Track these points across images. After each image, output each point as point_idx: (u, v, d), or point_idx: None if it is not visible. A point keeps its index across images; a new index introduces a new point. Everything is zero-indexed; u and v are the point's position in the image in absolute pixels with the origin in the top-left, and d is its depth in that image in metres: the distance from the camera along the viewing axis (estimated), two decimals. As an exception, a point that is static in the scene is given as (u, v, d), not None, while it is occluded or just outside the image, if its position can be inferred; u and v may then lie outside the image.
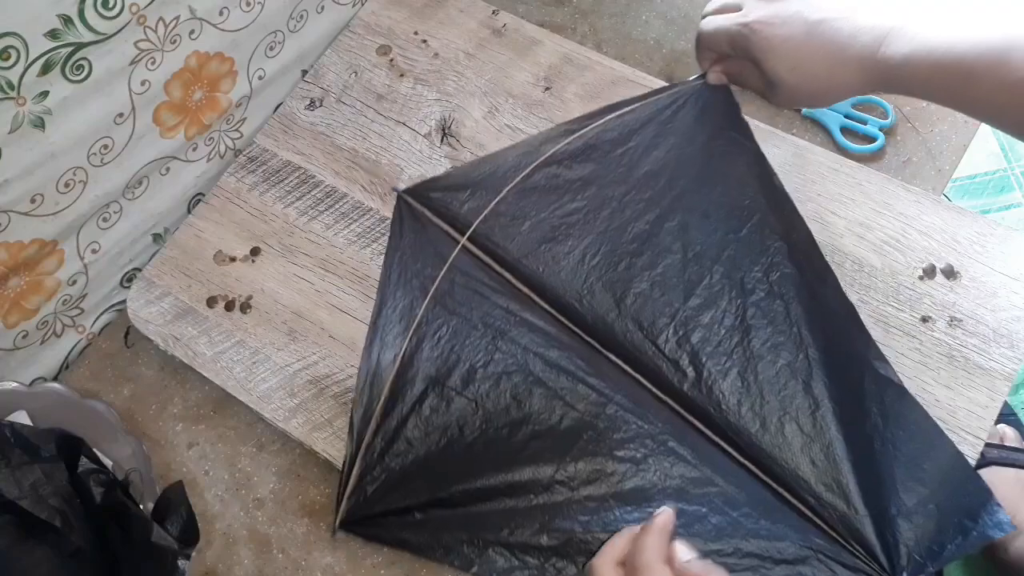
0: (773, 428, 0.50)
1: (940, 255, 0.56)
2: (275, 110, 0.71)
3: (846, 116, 0.63)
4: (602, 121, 0.58)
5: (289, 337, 0.61)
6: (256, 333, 0.61)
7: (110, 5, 0.53)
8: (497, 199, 0.58)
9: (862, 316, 0.53)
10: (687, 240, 0.55)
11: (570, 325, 0.55)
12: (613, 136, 0.58)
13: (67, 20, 0.51)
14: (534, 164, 0.58)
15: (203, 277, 0.64)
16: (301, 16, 0.69)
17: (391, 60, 0.71)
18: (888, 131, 0.63)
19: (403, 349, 0.55)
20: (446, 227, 0.58)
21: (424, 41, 0.71)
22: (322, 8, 0.70)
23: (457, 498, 0.52)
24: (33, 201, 0.55)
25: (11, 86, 0.49)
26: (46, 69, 0.51)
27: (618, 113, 0.58)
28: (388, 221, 0.64)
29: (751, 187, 0.55)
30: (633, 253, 0.55)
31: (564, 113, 0.65)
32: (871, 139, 0.62)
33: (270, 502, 0.58)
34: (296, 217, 0.65)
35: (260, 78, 0.68)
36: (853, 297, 0.54)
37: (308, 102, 0.70)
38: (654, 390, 0.52)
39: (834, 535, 0.48)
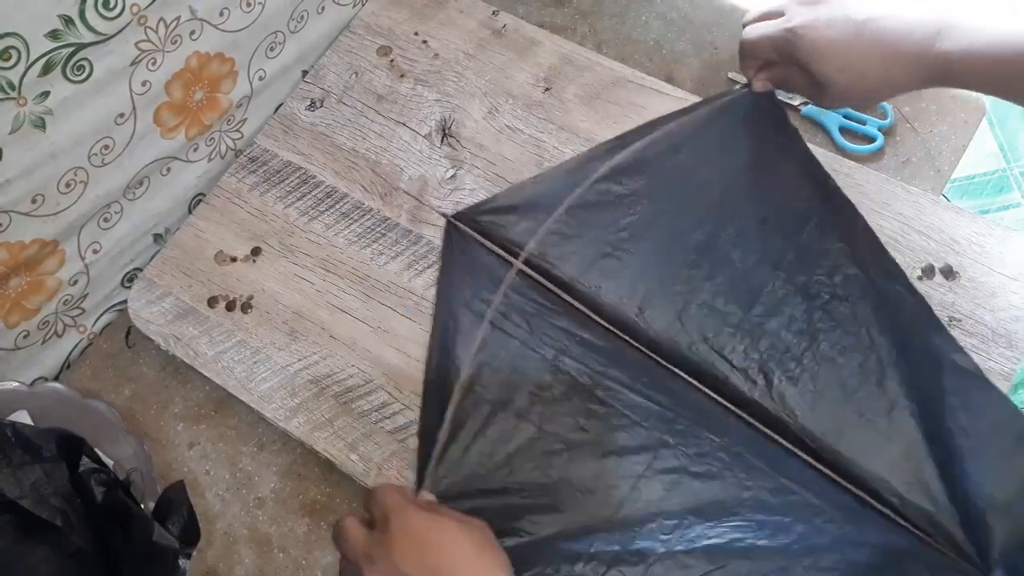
0: (849, 431, 0.49)
1: (939, 255, 0.56)
2: (276, 110, 0.71)
3: (845, 116, 0.63)
4: (649, 136, 0.57)
5: (290, 337, 0.61)
6: (257, 333, 0.61)
7: (111, 6, 0.53)
8: (550, 219, 0.57)
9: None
10: (746, 248, 0.54)
11: (631, 341, 0.53)
12: (661, 149, 0.57)
13: (68, 20, 0.51)
14: (585, 183, 0.57)
15: (204, 277, 0.64)
16: (301, 17, 0.69)
17: (391, 61, 0.71)
18: (887, 131, 0.63)
19: (464, 376, 0.54)
20: (499, 250, 0.57)
21: (424, 42, 0.71)
22: (322, 9, 0.70)
23: (529, 526, 0.50)
24: (34, 201, 0.55)
25: (12, 86, 0.50)
26: (47, 69, 0.51)
27: (665, 127, 0.57)
28: (388, 221, 0.64)
29: (806, 190, 0.55)
30: (691, 264, 0.54)
31: (564, 113, 0.65)
32: (870, 139, 0.63)
33: (271, 501, 0.58)
34: (296, 217, 0.65)
35: (261, 79, 0.68)
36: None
37: (308, 103, 0.70)
38: (724, 402, 0.51)
39: (921, 535, 0.47)
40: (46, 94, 0.52)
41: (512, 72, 0.68)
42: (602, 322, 0.54)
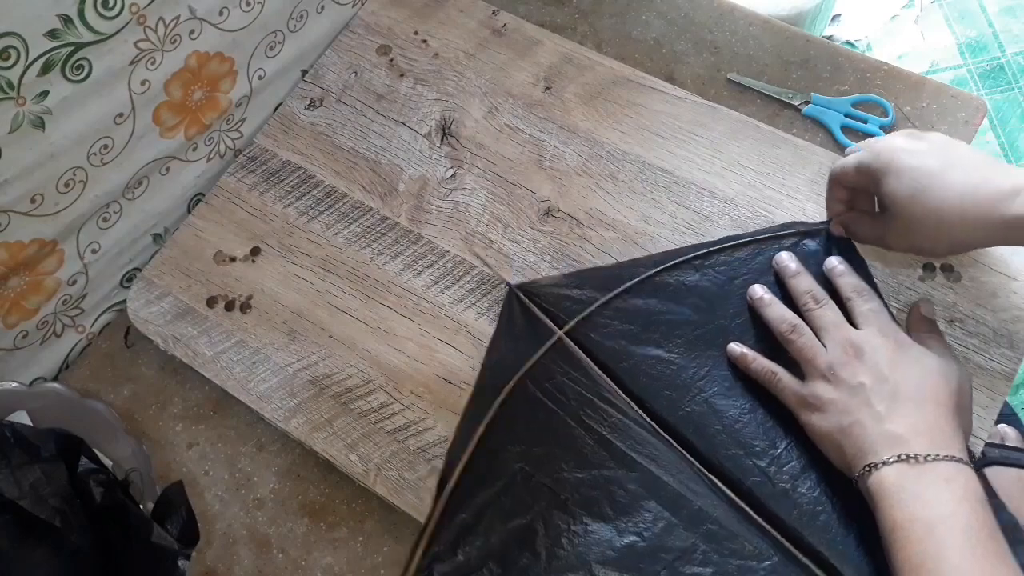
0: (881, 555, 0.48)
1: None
2: (275, 110, 0.71)
3: (846, 115, 0.63)
4: (723, 253, 0.58)
5: (289, 337, 0.61)
6: (256, 333, 0.61)
7: (110, 5, 0.53)
8: (604, 299, 0.57)
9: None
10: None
11: (665, 435, 0.53)
12: (734, 263, 0.57)
13: (67, 20, 0.51)
14: (648, 272, 0.58)
15: (203, 277, 0.64)
16: (301, 16, 0.69)
17: (391, 60, 0.71)
18: (888, 130, 0.62)
19: (481, 428, 0.54)
20: (549, 322, 0.57)
21: (424, 41, 0.71)
22: (322, 8, 0.70)
23: None
24: (33, 201, 0.55)
25: (11, 86, 0.49)
26: (46, 69, 0.51)
27: (736, 243, 0.58)
28: (388, 220, 0.64)
29: None
30: (738, 376, 0.54)
31: (564, 113, 0.65)
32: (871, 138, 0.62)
33: (270, 502, 0.58)
34: (296, 217, 0.65)
35: (260, 78, 0.68)
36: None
37: (308, 102, 0.70)
38: (754, 516, 0.50)
39: None
40: (45, 94, 0.52)
41: (512, 71, 0.68)
42: (638, 412, 0.54)
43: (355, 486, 0.57)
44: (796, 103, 0.65)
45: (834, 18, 1.39)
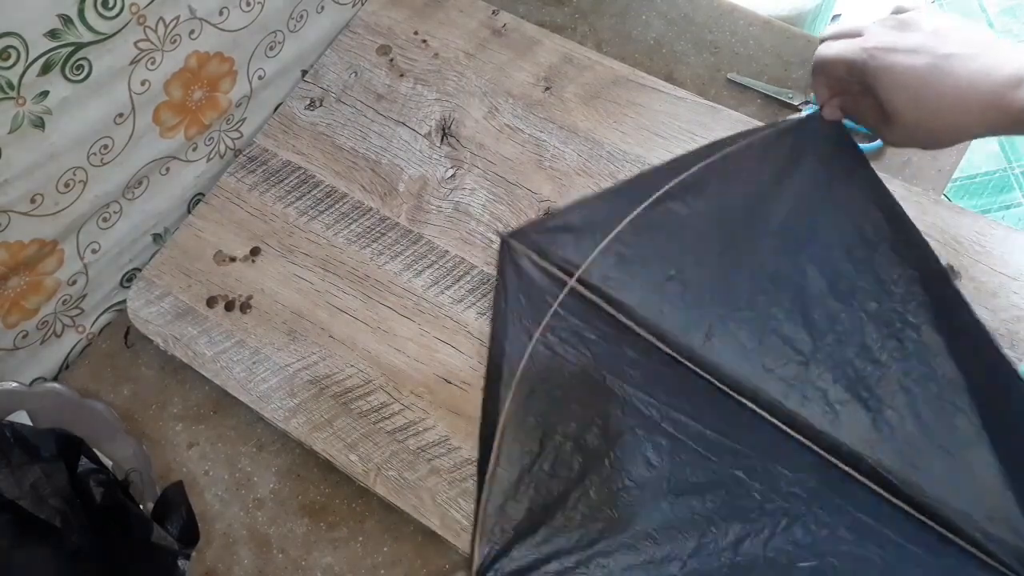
0: (925, 464, 0.48)
1: (940, 255, 0.55)
2: (275, 110, 0.71)
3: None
4: (712, 157, 0.56)
5: (289, 337, 0.61)
6: (256, 333, 0.61)
7: (110, 5, 0.53)
8: (608, 238, 0.55)
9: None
10: (814, 274, 0.53)
11: (698, 371, 0.52)
12: (725, 171, 0.56)
13: (67, 20, 0.51)
14: (645, 203, 0.56)
15: (203, 277, 0.64)
16: (301, 16, 0.69)
17: (391, 60, 0.71)
18: (888, 131, 0.62)
19: (507, 400, 0.53)
20: (553, 269, 0.55)
21: (424, 41, 0.71)
22: (322, 8, 0.70)
23: (597, 570, 0.48)
24: (33, 201, 0.55)
25: (11, 86, 0.49)
26: (46, 69, 0.51)
27: (727, 149, 0.56)
28: (388, 220, 0.64)
29: (875, 216, 0.53)
30: (758, 290, 0.53)
31: (564, 113, 0.65)
32: (872, 138, 0.62)
33: (270, 502, 0.58)
34: (296, 217, 0.65)
35: (260, 78, 0.68)
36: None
37: (308, 102, 0.70)
38: (796, 435, 0.49)
39: (1006, 571, 0.45)
40: (45, 94, 0.52)
41: (512, 71, 0.68)
42: (667, 349, 0.53)
43: (355, 486, 0.57)
44: (796, 103, 0.65)
45: (834, 18, 1.39)
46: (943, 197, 0.61)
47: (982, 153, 1.28)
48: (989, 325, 0.53)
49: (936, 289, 0.51)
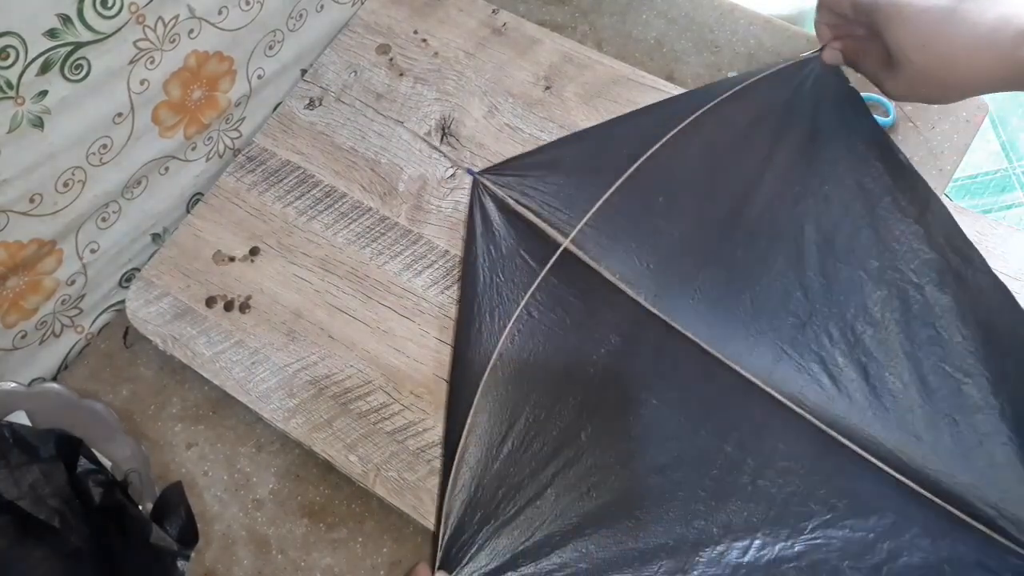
0: (931, 435, 0.44)
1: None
2: (274, 109, 0.71)
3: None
4: (709, 105, 0.53)
5: (288, 337, 0.61)
6: (255, 333, 0.61)
7: (109, 4, 0.52)
8: (600, 201, 0.51)
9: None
10: (811, 227, 0.49)
11: (684, 332, 0.48)
12: (720, 118, 0.52)
13: (66, 19, 0.50)
14: (639, 160, 0.52)
15: (202, 277, 0.64)
16: (300, 15, 0.69)
17: (390, 59, 0.71)
18: (889, 130, 0.62)
19: (488, 372, 0.49)
20: (543, 225, 0.51)
21: (424, 40, 0.71)
22: (321, 7, 0.70)
23: (572, 554, 0.45)
24: (32, 201, 0.55)
25: (10, 85, 0.49)
26: (45, 68, 0.51)
27: (723, 95, 0.53)
28: (387, 220, 0.64)
29: (875, 167, 0.50)
30: (748, 248, 0.49)
31: (564, 112, 0.65)
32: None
33: (269, 503, 0.58)
34: (295, 217, 0.65)
35: (259, 77, 0.68)
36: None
37: (307, 101, 0.70)
38: (789, 404, 0.46)
39: (1022, 551, 0.42)
40: (44, 93, 0.51)
41: (512, 71, 0.68)
42: (653, 309, 0.49)
43: (354, 487, 0.57)
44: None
45: (835, 17, 1.39)
46: (944, 196, 0.60)
47: (983, 153, 1.27)
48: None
49: (944, 244, 0.48)
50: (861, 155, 0.50)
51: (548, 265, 0.50)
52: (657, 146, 0.52)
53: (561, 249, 0.50)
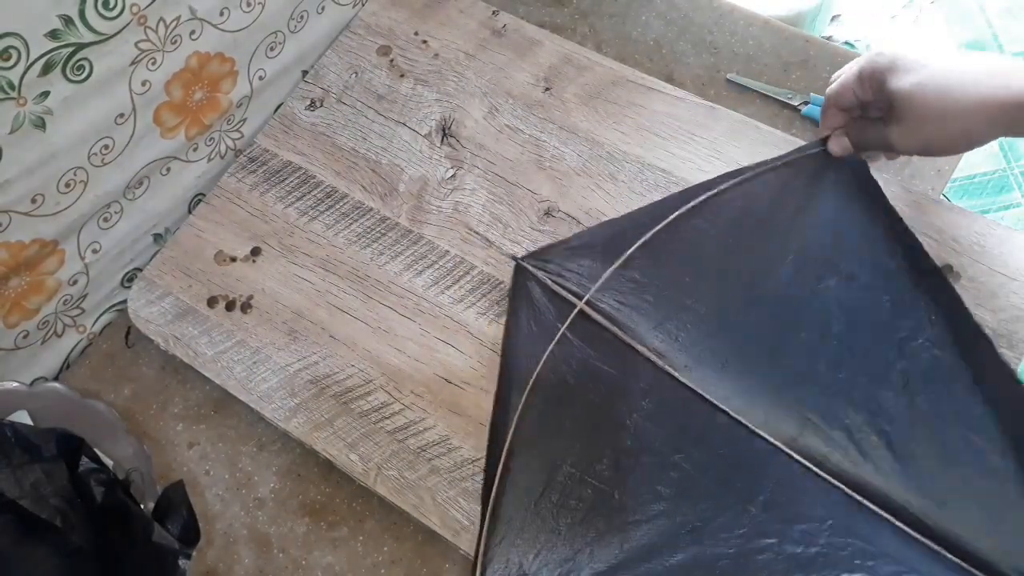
0: (954, 504, 0.46)
1: (939, 255, 0.56)
2: (275, 110, 0.71)
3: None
4: (724, 186, 0.56)
5: (290, 337, 0.61)
6: (257, 333, 0.61)
7: (111, 5, 0.53)
8: (619, 262, 0.55)
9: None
10: (834, 305, 0.52)
11: (713, 400, 0.51)
12: (739, 203, 0.56)
13: (68, 20, 0.51)
14: (656, 227, 0.56)
15: (204, 277, 0.64)
16: (301, 16, 0.69)
17: (391, 60, 0.71)
18: (888, 131, 0.63)
19: (512, 428, 0.52)
20: (565, 294, 0.55)
21: (424, 42, 0.71)
22: (322, 8, 0.70)
23: None
24: (34, 201, 0.55)
25: (12, 86, 0.50)
26: (47, 69, 0.51)
27: (739, 179, 0.57)
28: (388, 221, 0.64)
29: (892, 248, 0.53)
30: (774, 320, 0.52)
31: (564, 113, 0.65)
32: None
33: (270, 502, 0.58)
34: (296, 217, 0.65)
35: (260, 78, 0.68)
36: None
37: (308, 102, 0.70)
38: (815, 470, 0.48)
39: None
40: (46, 94, 0.52)
41: (512, 72, 0.68)
42: (681, 378, 0.52)
43: (355, 486, 0.57)
44: (796, 103, 0.65)
45: (834, 18, 1.39)
46: (942, 197, 0.61)
47: (981, 153, 1.27)
48: (989, 325, 0.53)
49: (959, 325, 0.51)
50: (880, 238, 0.54)
51: (566, 323, 0.54)
52: (670, 219, 0.56)
53: (577, 310, 0.54)
